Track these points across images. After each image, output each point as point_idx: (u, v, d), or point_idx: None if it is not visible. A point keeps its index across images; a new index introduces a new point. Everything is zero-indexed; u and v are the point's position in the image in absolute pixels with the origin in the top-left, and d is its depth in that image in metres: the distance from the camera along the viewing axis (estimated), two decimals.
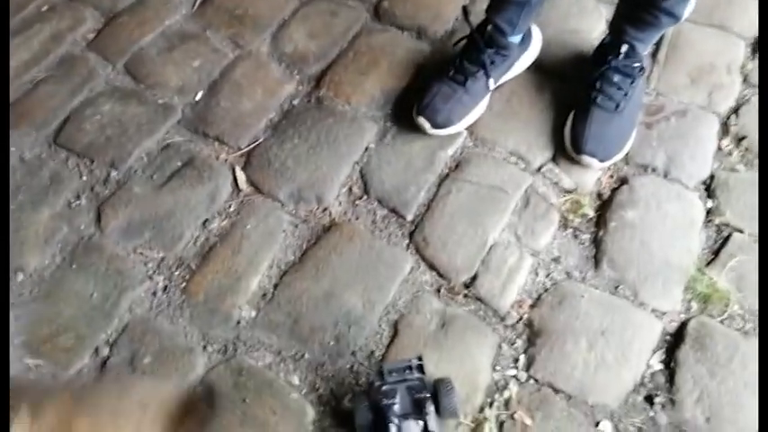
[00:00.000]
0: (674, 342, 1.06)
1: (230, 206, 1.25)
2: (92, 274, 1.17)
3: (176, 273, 1.17)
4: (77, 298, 1.14)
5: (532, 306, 1.10)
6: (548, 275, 1.14)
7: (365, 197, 1.25)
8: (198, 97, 1.42)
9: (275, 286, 1.15)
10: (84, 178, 1.30)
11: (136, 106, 1.41)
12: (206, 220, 1.23)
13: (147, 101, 1.42)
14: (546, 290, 1.12)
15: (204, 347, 1.09)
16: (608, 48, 1.28)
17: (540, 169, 1.26)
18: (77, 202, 1.27)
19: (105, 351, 1.09)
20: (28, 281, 1.17)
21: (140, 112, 1.40)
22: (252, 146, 1.33)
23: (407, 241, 1.19)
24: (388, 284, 1.14)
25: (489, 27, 1.28)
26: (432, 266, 1.15)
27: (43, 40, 1.55)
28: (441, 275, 1.14)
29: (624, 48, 1.25)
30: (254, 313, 1.12)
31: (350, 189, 1.27)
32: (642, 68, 1.27)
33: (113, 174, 1.30)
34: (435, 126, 1.29)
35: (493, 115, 1.34)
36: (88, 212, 1.25)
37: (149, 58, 1.50)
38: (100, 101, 1.42)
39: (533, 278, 1.14)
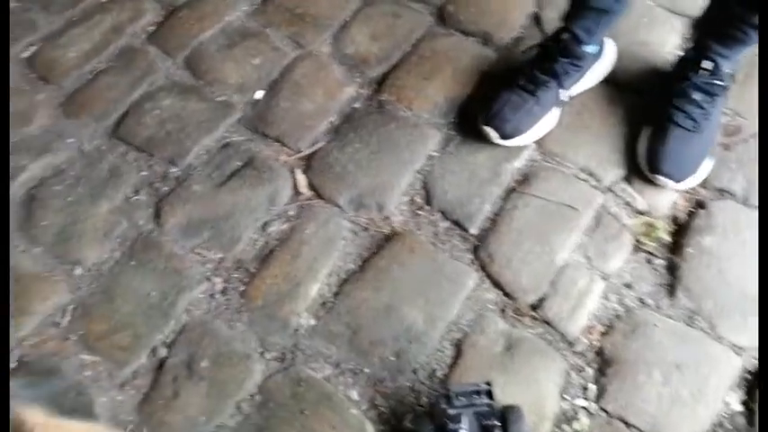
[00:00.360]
0: (753, 381, 1.01)
1: (290, 209, 1.23)
2: (150, 272, 1.16)
3: (235, 275, 1.15)
4: (135, 295, 1.13)
5: (603, 333, 1.06)
6: (620, 301, 1.09)
7: (427, 207, 1.22)
8: (257, 96, 1.40)
9: (335, 295, 1.12)
10: (144, 173, 1.29)
11: (195, 102, 1.40)
12: (265, 223, 1.21)
13: (207, 97, 1.40)
14: (618, 317, 1.07)
15: (262, 354, 1.06)
16: (689, 63, 1.22)
17: (611, 187, 1.21)
18: (136, 196, 1.26)
19: (163, 352, 1.07)
20: (86, 275, 1.16)
21: (200, 109, 1.38)
22: (312, 149, 1.31)
23: (471, 256, 1.15)
24: (450, 300, 1.11)
25: (565, 35, 1.23)
26: (496, 284, 1.12)
27: (104, 31, 1.54)
28: (506, 294, 1.10)
29: (708, 64, 1.19)
30: (313, 322, 1.10)
31: (411, 198, 1.23)
32: (725, 87, 1.21)
33: (173, 170, 1.29)
34: (503, 136, 1.25)
35: (563, 128, 1.29)
36: (147, 208, 1.24)
37: (209, 54, 1.48)
38: (159, 95, 1.41)
39: (604, 303, 1.09)
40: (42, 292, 1.13)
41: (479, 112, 1.28)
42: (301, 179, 1.27)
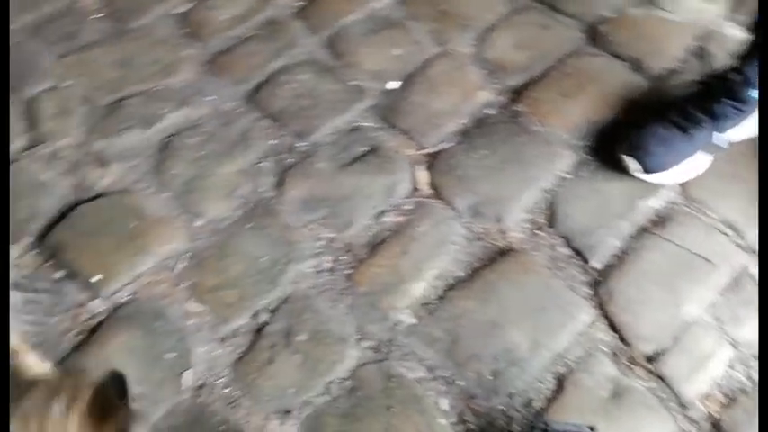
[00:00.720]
0: None
1: (406, 204, 1.22)
2: (265, 237, 1.18)
3: (343, 257, 1.16)
4: (247, 257, 1.16)
5: (723, 404, 0.96)
6: (747, 374, 0.99)
7: (549, 229, 1.16)
8: (391, 86, 1.40)
9: (439, 298, 1.10)
10: (272, 142, 1.32)
11: (331, 82, 1.41)
12: (380, 212, 1.21)
13: (342, 79, 1.42)
14: (743, 390, 0.98)
15: (358, 340, 1.06)
16: None
17: (756, 249, 1.11)
18: (263, 163, 1.29)
19: (264, 317, 1.09)
20: (205, 228, 1.20)
21: (334, 90, 1.40)
22: (438, 147, 1.29)
23: (589, 290, 1.09)
24: (559, 331, 1.05)
25: (735, 75, 1.14)
26: (612, 326, 1.05)
27: (255, 1, 1.60)
28: (622, 339, 1.03)
29: None
30: (413, 320, 1.08)
31: (533, 216, 1.18)
32: None
33: (300, 144, 1.31)
34: (645, 170, 1.17)
35: (712, 174, 1.19)
36: (271, 176, 1.26)
37: (350, 38, 1.50)
38: (298, 69, 1.44)
39: (729, 372, 0.99)
40: (163, 236, 1.18)
41: (621, 140, 1.21)
42: (422, 176, 1.26)
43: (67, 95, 1.41)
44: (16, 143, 1.33)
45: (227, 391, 1.01)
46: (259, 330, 1.08)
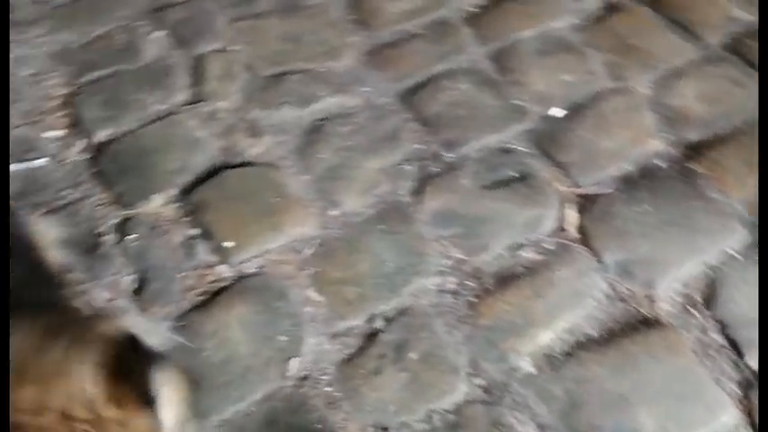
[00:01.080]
0: None
1: (548, 242, 1.13)
2: (394, 242, 1.14)
3: (469, 283, 1.10)
4: (374, 258, 1.13)
5: None
6: None
7: (705, 310, 1.04)
8: (555, 113, 1.32)
9: (566, 354, 1.01)
10: (419, 146, 1.28)
11: (491, 97, 1.35)
12: (518, 245, 1.13)
13: (504, 96, 1.35)
14: None
15: (470, 375, 1.00)
16: None
17: None
18: (406, 166, 1.25)
19: (379, 323, 1.06)
20: (339, 218, 1.18)
21: (493, 105, 1.34)
22: (595, 190, 1.19)
23: (738, 391, 0.96)
24: (693, 427, 0.93)
25: None
26: None
27: None
28: None
29: None
30: (532, 369, 1.00)
31: (689, 291, 1.06)
32: None
33: (447, 154, 1.26)
34: None
35: None
36: (411, 180, 1.23)
37: (521, 54, 1.42)
38: (460, 77, 1.39)
39: None
40: (297, 218, 1.18)
41: None
42: (571, 216, 1.17)
43: (233, 59, 1.45)
44: (178, 96, 1.39)
45: (329, 389, 0.99)
46: (372, 336, 1.05)
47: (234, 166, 1.25)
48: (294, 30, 1.51)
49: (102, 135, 1.31)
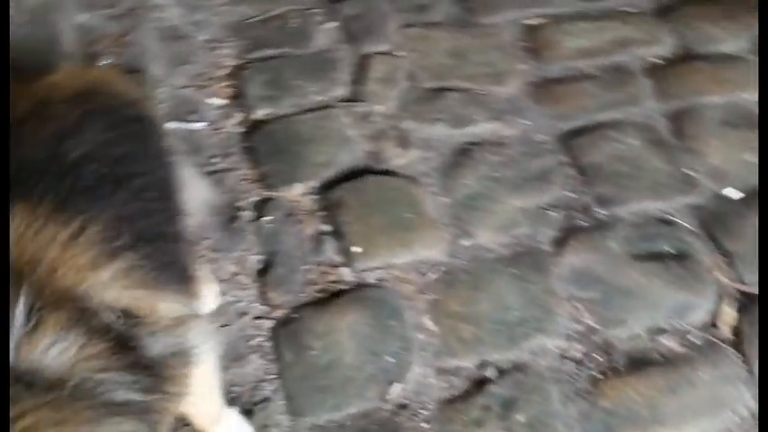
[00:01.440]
0: None
1: (694, 335, 1.02)
2: (524, 290, 1.08)
3: (596, 355, 1.01)
4: (498, 301, 1.07)
5: None
6: None
7: None
8: (730, 194, 1.18)
9: None
10: (570, 194, 1.20)
11: (660, 159, 1.24)
12: (660, 329, 1.02)
13: (675, 162, 1.24)
14: None
15: None
16: None
17: None
18: (551, 212, 1.18)
19: (491, 372, 1.00)
20: (469, 250, 1.13)
21: (661, 169, 1.22)
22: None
23: None
24: None
25: None
26: None
27: (610, 39, 1.47)
28: None
29: None
30: None
31: None
32: None
33: (599, 210, 1.17)
34: None
35: None
36: (554, 229, 1.15)
37: (703, 121, 1.29)
38: (629, 131, 1.29)
39: None
40: (427, 239, 1.15)
41: None
42: (728, 314, 1.04)
43: (397, 65, 1.45)
44: (337, 91, 1.40)
45: (425, 426, 0.95)
46: (480, 383, 0.99)
47: (376, 173, 1.24)
48: (462, 46, 1.47)
49: (260, 113, 1.36)
